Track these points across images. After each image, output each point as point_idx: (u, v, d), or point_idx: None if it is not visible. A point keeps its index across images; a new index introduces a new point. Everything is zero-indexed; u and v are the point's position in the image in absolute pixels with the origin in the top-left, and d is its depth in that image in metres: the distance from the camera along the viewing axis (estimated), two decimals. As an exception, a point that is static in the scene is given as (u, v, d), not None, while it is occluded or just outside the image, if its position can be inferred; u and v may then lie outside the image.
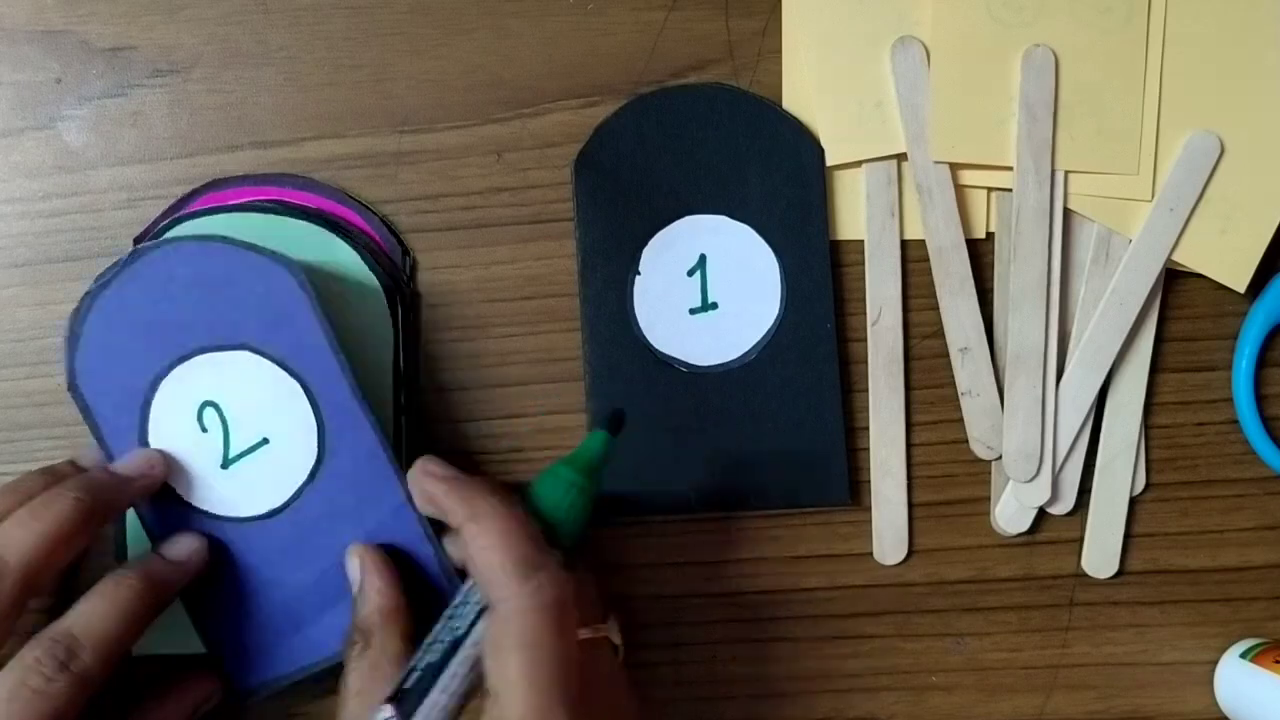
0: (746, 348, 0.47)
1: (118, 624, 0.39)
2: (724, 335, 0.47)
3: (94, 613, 0.39)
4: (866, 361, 0.47)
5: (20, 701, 0.37)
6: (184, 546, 0.43)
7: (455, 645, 0.38)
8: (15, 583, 0.38)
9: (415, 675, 0.37)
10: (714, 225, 0.47)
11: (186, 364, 0.43)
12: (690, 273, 0.47)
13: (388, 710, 0.37)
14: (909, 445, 0.47)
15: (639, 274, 0.47)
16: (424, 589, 0.43)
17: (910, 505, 0.48)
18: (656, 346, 0.47)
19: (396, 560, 0.43)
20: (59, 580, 0.44)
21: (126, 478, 0.42)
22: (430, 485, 0.41)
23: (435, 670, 0.37)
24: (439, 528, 0.43)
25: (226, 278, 0.43)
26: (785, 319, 0.47)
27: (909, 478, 0.48)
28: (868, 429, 0.47)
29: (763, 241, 0.47)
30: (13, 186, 0.47)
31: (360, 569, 0.42)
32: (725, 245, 0.47)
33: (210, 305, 0.43)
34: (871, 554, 0.48)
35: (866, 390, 0.47)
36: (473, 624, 0.38)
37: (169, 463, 0.43)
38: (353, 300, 0.45)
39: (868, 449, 0.47)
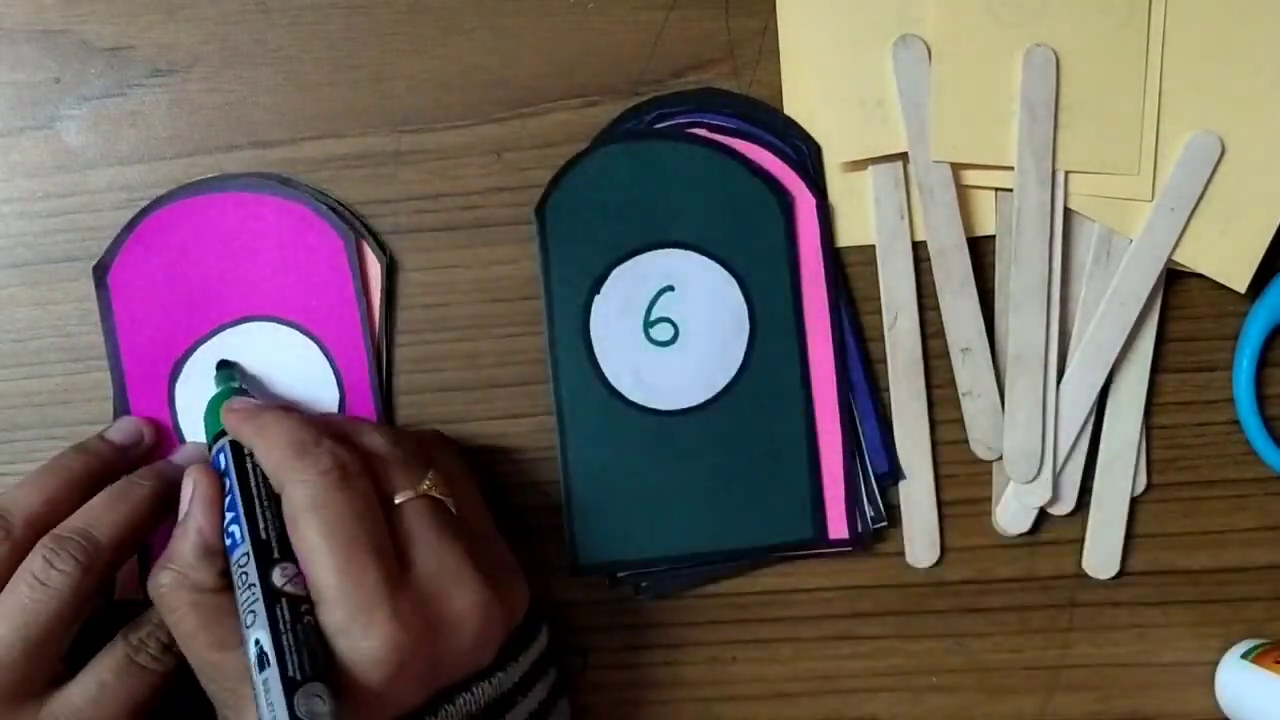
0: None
1: (125, 516, 0.41)
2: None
3: (105, 512, 0.41)
4: (886, 361, 0.47)
5: (130, 675, 0.40)
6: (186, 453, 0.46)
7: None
8: (107, 559, 0.40)
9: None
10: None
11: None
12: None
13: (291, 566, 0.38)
14: (934, 445, 0.47)
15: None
16: None
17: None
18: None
19: None
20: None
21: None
22: (231, 420, 0.41)
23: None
24: None
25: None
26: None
27: (936, 479, 0.47)
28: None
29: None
30: (12, 186, 0.47)
31: (190, 497, 0.41)
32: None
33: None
34: (872, 554, 0.48)
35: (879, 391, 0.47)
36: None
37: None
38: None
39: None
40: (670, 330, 0.47)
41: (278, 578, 0.38)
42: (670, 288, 0.47)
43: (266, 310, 0.47)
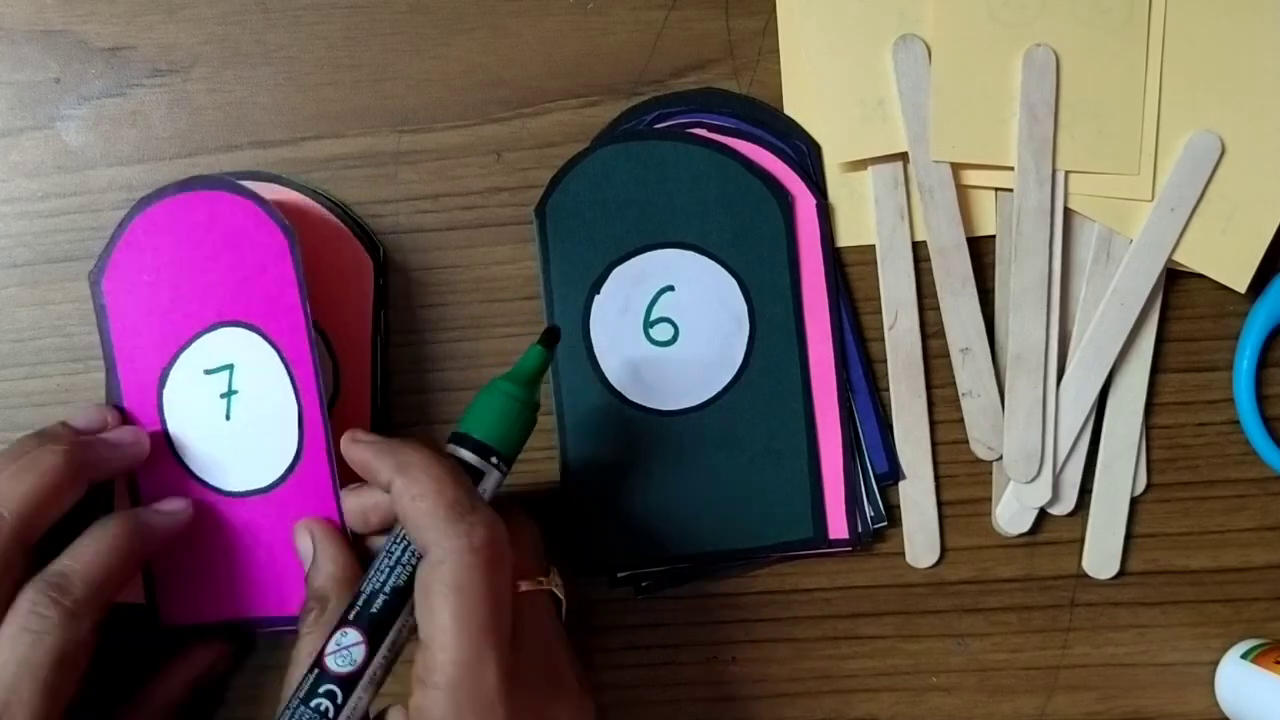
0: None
1: (106, 559, 0.40)
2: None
3: (83, 551, 0.40)
4: (886, 361, 0.47)
5: (22, 645, 0.37)
6: (174, 504, 0.44)
7: (396, 592, 0.38)
8: (10, 532, 0.39)
9: (363, 604, 0.38)
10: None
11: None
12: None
13: (355, 634, 0.37)
14: (934, 445, 0.47)
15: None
16: None
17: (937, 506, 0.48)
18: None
19: None
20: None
21: (114, 442, 0.43)
22: (358, 451, 0.40)
23: (388, 601, 0.38)
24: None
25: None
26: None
27: (936, 479, 0.47)
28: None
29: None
30: (12, 186, 0.47)
31: (312, 541, 0.42)
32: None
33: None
34: (872, 554, 0.48)
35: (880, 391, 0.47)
36: (410, 572, 0.38)
37: (149, 440, 0.44)
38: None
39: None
40: (670, 330, 0.47)
41: (332, 643, 0.37)
42: (670, 288, 0.47)
43: (240, 316, 0.45)
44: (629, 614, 0.48)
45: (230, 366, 0.44)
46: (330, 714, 0.36)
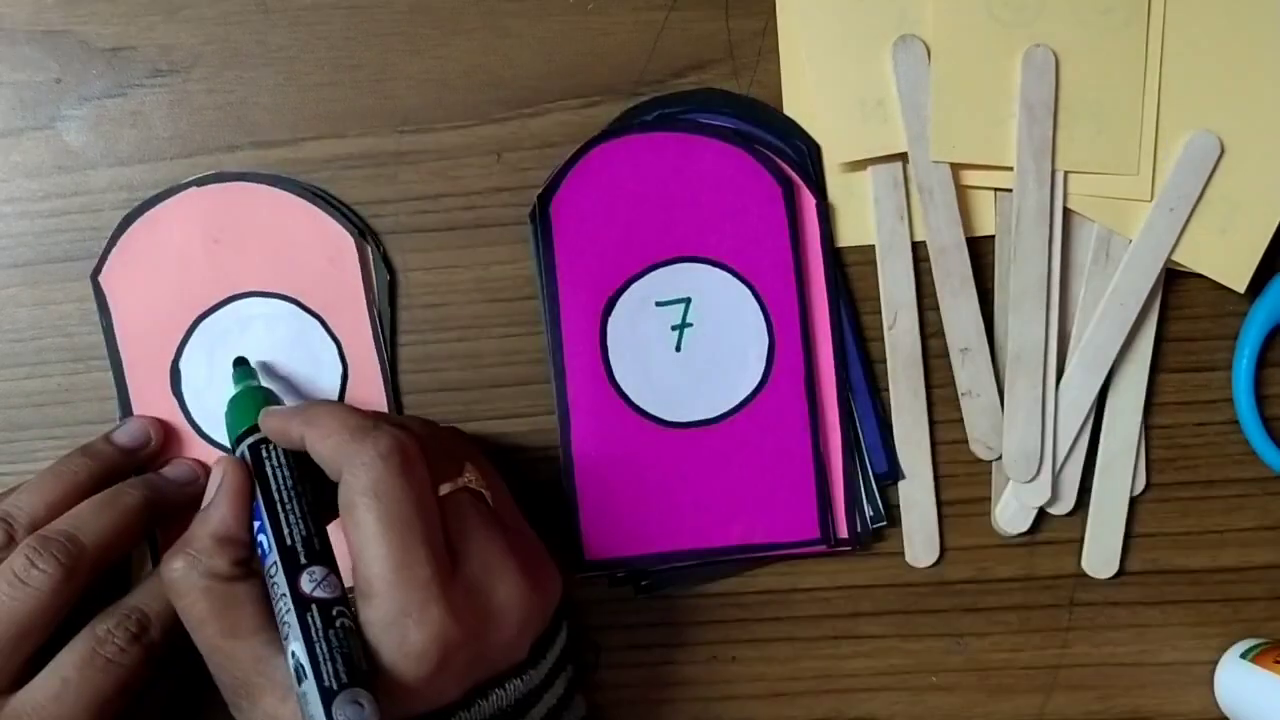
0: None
1: (111, 522, 0.42)
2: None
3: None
4: (885, 361, 0.47)
5: (94, 669, 0.39)
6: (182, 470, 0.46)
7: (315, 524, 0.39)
8: (90, 562, 0.40)
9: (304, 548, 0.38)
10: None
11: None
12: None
13: (319, 570, 0.38)
14: (933, 445, 0.47)
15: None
16: None
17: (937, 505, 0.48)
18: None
19: None
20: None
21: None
22: (271, 421, 0.41)
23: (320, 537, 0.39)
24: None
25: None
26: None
27: (935, 479, 0.47)
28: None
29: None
30: (12, 186, 0.47)
31: (217, 485, 0.40)
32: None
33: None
34: (872, 554, 0.48)
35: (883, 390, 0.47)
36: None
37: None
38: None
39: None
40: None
41: (306, 583, 0.37)
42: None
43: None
44: (629, 614, 0.48)
45: (688, 300, 0.46)
46: (351, 624, 0.37)
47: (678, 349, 0.47)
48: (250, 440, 0.41)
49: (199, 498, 0.41)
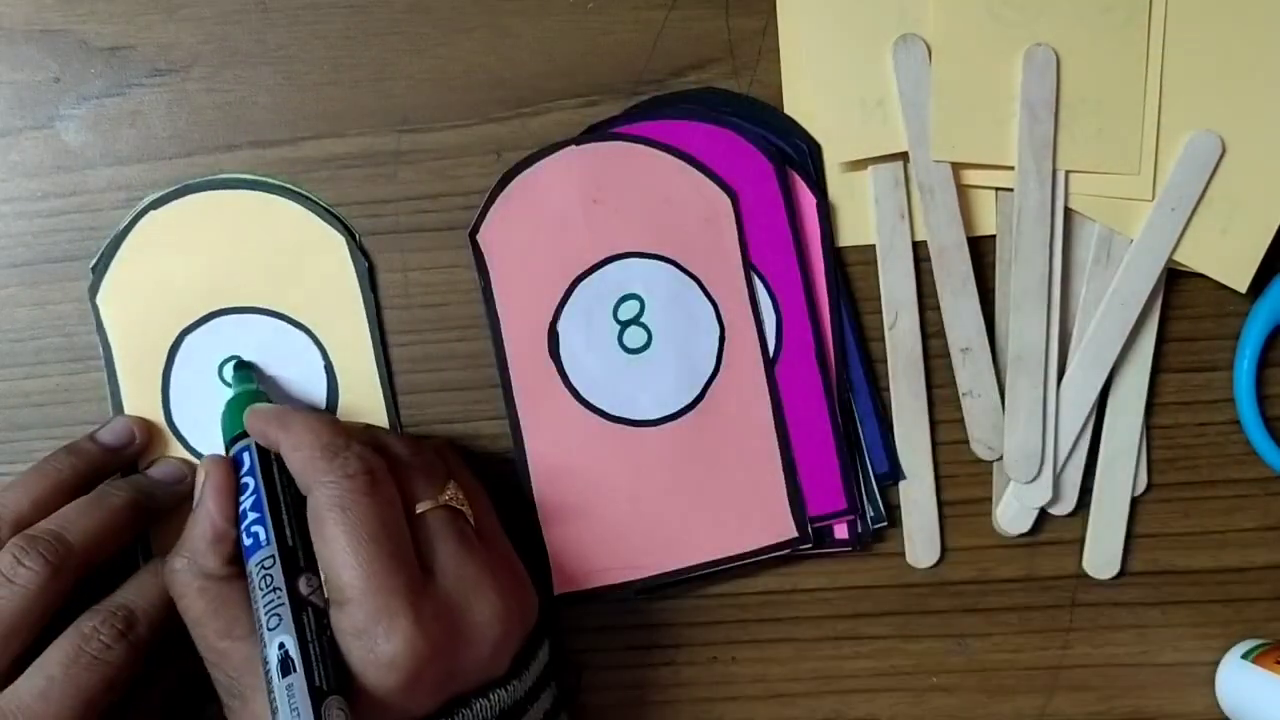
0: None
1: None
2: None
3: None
4: (886, 361, 0.47)
5: (79, 667, 0.39)
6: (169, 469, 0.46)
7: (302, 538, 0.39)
8: (77, 561, 0.40)
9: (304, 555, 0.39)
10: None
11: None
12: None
13: (315, 579, 0.38)
14: (934, 445, 0.47)
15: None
16: None
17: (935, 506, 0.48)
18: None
19: None
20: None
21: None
22: (254, 421, 0.41)
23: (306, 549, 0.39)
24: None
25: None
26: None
27: (936, 479, 0.47)
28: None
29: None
30: (11, 186, 0.47)
31: (202, 484, 0.41)
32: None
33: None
34: (872, 554, 0.48)
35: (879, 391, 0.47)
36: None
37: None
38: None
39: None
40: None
41: (303, 587, 0.38)
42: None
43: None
44: (629, 614, 0.48)
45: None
46: (331, 639, 0.38)
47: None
48: (255, 438, 0.42)
49: (187, 497, 0.42)
